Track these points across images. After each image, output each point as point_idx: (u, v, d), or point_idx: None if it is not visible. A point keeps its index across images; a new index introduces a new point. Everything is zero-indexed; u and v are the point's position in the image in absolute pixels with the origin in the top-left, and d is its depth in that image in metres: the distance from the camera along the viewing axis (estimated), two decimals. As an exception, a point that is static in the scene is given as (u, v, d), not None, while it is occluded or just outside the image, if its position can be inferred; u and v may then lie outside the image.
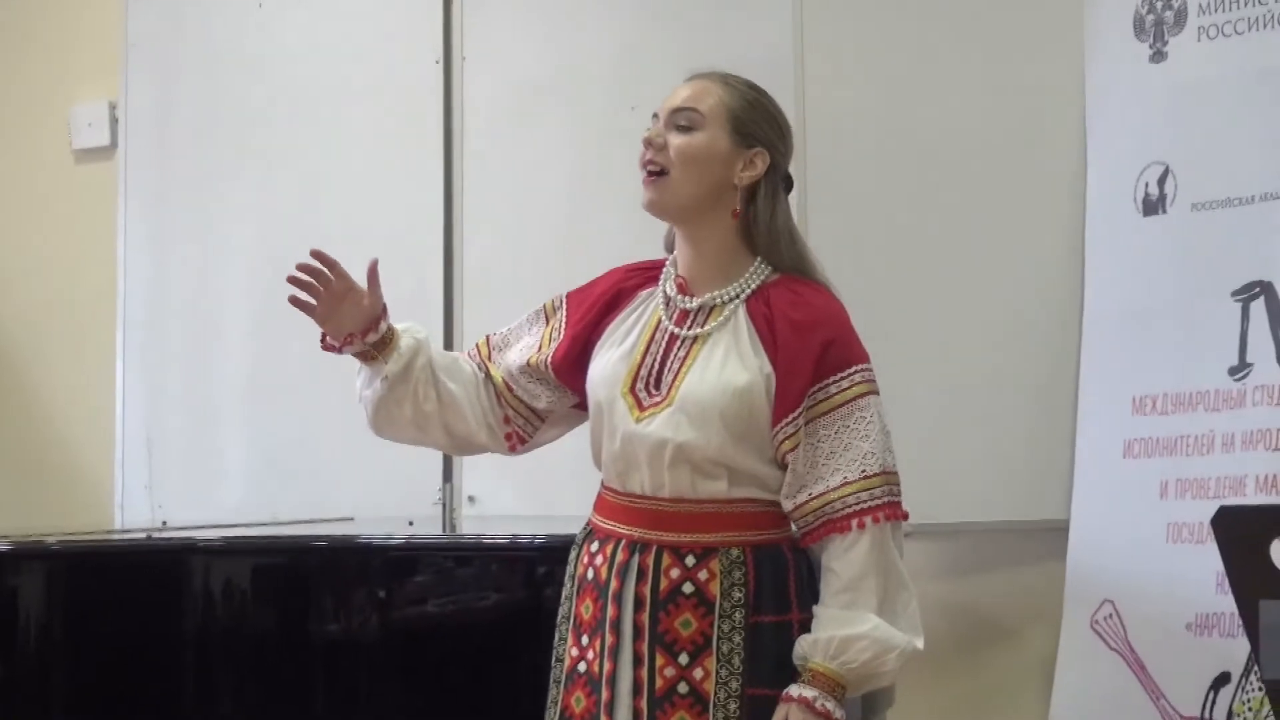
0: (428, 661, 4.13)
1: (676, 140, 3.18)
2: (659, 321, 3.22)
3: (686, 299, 3.21)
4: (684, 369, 3.12)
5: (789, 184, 3.33)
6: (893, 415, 5.13)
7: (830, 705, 3.00)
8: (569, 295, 3.41)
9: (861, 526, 3.06)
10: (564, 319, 3.37)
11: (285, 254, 5.96)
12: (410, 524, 4.22)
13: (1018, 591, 5.23)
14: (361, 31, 6.04)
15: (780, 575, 3.13)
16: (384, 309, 3.34)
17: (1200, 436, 4.64)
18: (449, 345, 5.63)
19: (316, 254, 3.28)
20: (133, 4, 6.35)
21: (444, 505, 5.54)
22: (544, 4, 5.79)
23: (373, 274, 3.31)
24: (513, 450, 3.44)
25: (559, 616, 3.29)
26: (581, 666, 3.18)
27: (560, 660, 3.25)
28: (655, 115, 3.25)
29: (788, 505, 3.12)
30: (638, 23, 5.64)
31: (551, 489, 4.82)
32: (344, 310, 3.31)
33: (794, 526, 3.15)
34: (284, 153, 6.07)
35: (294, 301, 3.29)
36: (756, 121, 3.25)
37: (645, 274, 3.34)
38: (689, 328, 3.18)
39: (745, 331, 3.15)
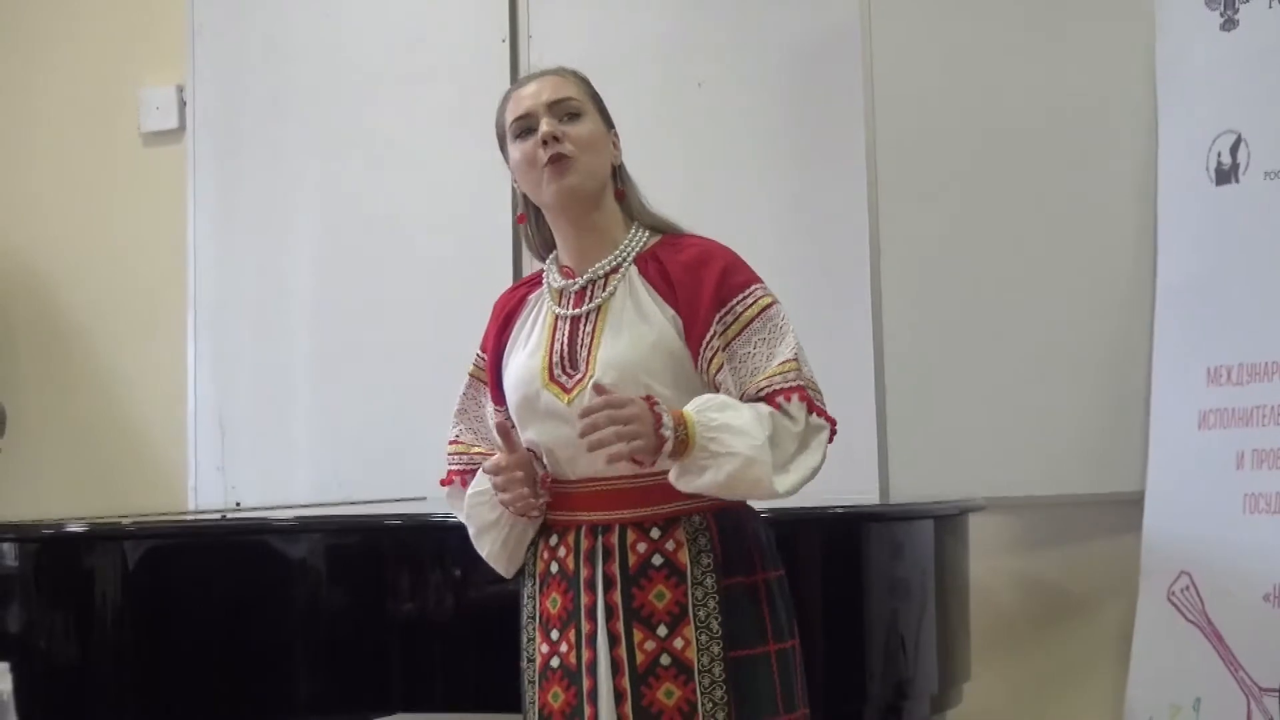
0: (503, 638, 4.12)
1: (572, 129, 3.19)
2: (555, 314, 3.24)
3: (574, 281, 3.23)
4: (595, 342, 3.14)
5: None
6: (967, 389, 5.17)
7: (667, 428, 2.94)
8: (480, 346, 3.43)
9: (787, 399, 3.05)
10: (486, 363, 3.39)
11: (353, 234, 6.07)
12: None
13: (1093, 564, 5.24)
14: (428, 11, 6.07)
15: (743, 538, 3.17)
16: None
17: (1277, 406, 4.61)
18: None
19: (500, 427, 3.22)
20: (199, -13, 6.41)
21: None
22: (610, -19, 5.81)
23: (505, 431, 3.22)
24: None
25: (524, 618, 3.30)
26: (555, 662, 3.19)
27: (531, 660, 3.26)
28: (520, 118, 3.23)
29: None
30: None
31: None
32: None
33: None
34: (351, 133, 6.11)
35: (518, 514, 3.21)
36: (604, 106, 3.30)
37: (528, 285, 3.38)
38: (587, 304, 3.21)
39: (642, 290, 3.17)
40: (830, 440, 3.11)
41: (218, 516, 5.10)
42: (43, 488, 5.38)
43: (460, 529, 4.21)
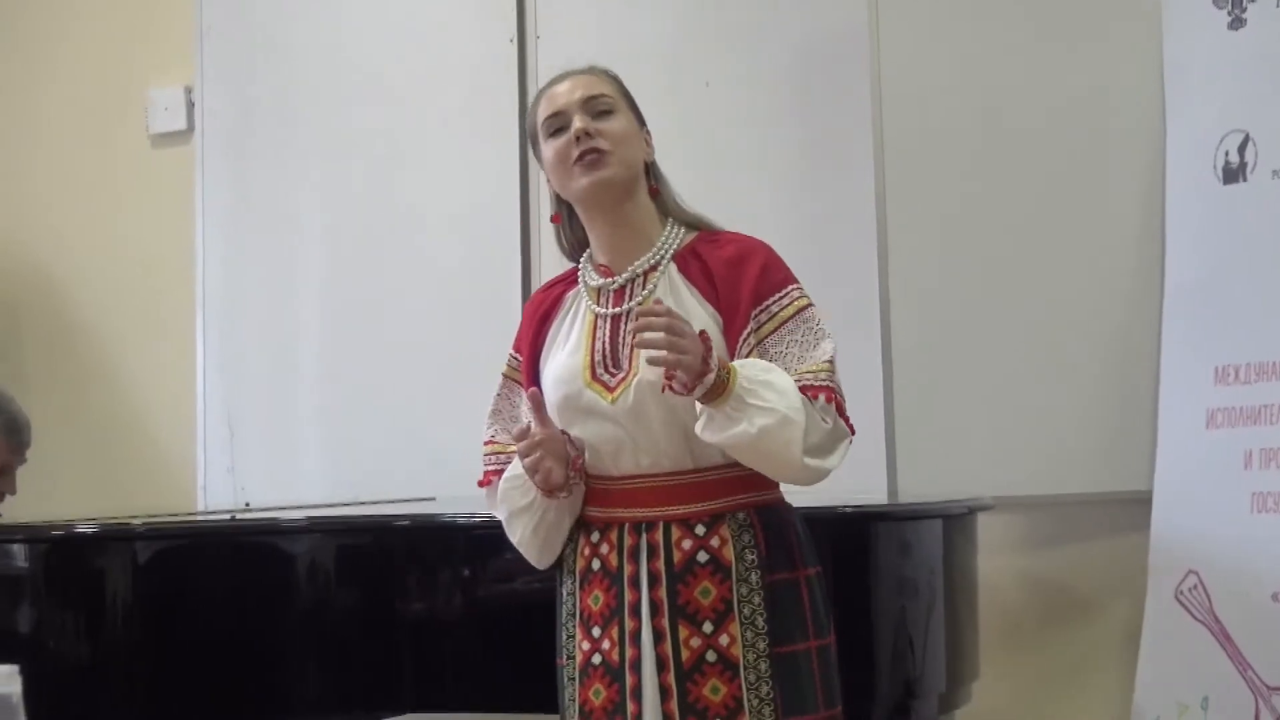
0: (514, 640, 4.16)
1: (605, 125, 3.21)
2: (595, 313, 3.25)
3: (613, 280, 3.25)
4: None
5: None
6: (974, 388, 5.17)
7: (714, 362, 2.94)
8: (513, 345, 3.42)
9: (814, 397, 3.06)
10: (521, 362, 3.38)
11: (361, 234, 6.09)
12: (492, 501, 4.26)
13: (1101, 563, 5.23)
14: (434, 11, 6.10)
15: (785, 534, 3.19)
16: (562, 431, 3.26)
17: None
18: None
19: (532, 394, 3.22)
20: (207, -12, 6.43)
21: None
22: (618, -19, 5.82)
23: (536, 400, 3.21)
24: None
25: (562, 615, 3.30)
26: (596, 659, 3.20)
27: (571, 657, 3.26)
28: (553, 116, 3.24)
29: None
30: (712, -1, 5.68)
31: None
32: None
33: None
34: (359, 133, 6.13)
35: (545, 489, 3.19)
36: (635, 103, 3.32)
37: (563, 283, 3.38)
38: (628, 302, 3.22)
39: (684, 289, 3.19)
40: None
41: (227, 517, 5.12)
42: (52, 488, 5.40)
43: (469, 529, 4.25)
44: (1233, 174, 4.81)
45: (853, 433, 3.14)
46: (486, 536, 4.24)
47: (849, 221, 5.31)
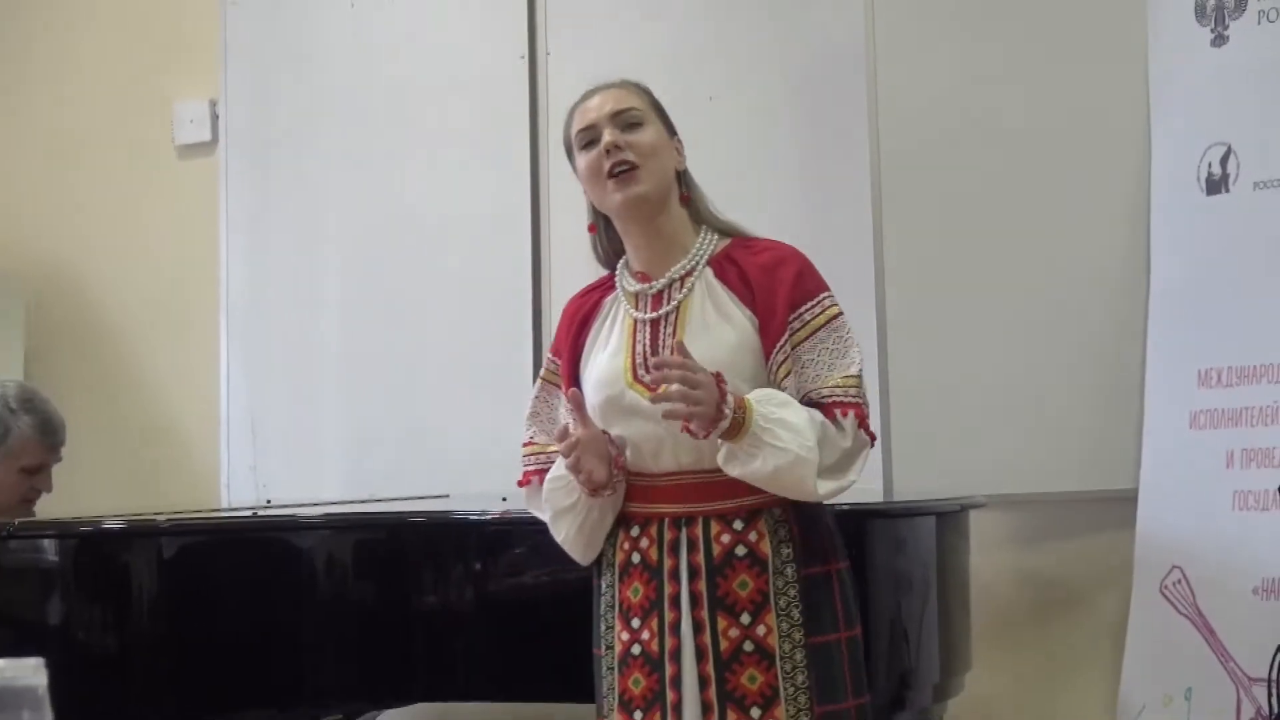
0: (523, 633, 4.24)
1: (634, 138, 3.30)
2: (634, 318, 3.34)
3: (651, 285, 3.33)
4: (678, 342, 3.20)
5: None
6: (968, 391, 5.21)
7: (728, 407, 3.04)
8: (551, 349, 3.53)
9: (844, 414, 3.18)
10: (560, 365, 3.46)
11: (378, 241, 6.19)
12: (504, 500, 4.32)
13: (1089, 559, 5.26)
14: (449, 29, 6.17)
15: (818, 529, 3.29)
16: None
17: (1265, 408, 4.67)
18: (538, 336, 5.79)
19: (572, 395, 3.30)
20: (231, 4, 6.51)
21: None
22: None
23: (577, 401, 3.29)
24: None
25: (601, 606, 3.38)
26: (635, 649, 3.27)
27: (610, 648, 3.34)
28: (584, 130, 3.35)
29: None
30: (715, 15, 5.74)
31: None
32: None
33: None
34: (376, 146, 6.20)
35: (590, 488, 3.27)
36: (666, 114, 3.42)
37: (600, 289, 3.47)
38: (665, 306, 3.30)
39: (721, 292, 3.27)
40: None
41: (249, 514, 5.17)
42: (81, 486, 5.47)
43: (480, 526, 4.34)
44: (1215, 185, 4.85)
45: (873, 440, 3.25)
46: (497, 533, 4.33)
47: (846, 228, 5.35)
